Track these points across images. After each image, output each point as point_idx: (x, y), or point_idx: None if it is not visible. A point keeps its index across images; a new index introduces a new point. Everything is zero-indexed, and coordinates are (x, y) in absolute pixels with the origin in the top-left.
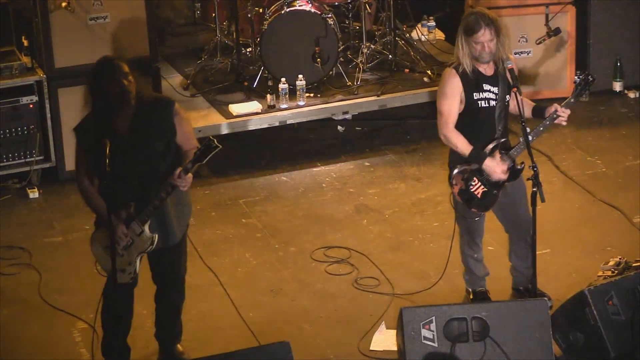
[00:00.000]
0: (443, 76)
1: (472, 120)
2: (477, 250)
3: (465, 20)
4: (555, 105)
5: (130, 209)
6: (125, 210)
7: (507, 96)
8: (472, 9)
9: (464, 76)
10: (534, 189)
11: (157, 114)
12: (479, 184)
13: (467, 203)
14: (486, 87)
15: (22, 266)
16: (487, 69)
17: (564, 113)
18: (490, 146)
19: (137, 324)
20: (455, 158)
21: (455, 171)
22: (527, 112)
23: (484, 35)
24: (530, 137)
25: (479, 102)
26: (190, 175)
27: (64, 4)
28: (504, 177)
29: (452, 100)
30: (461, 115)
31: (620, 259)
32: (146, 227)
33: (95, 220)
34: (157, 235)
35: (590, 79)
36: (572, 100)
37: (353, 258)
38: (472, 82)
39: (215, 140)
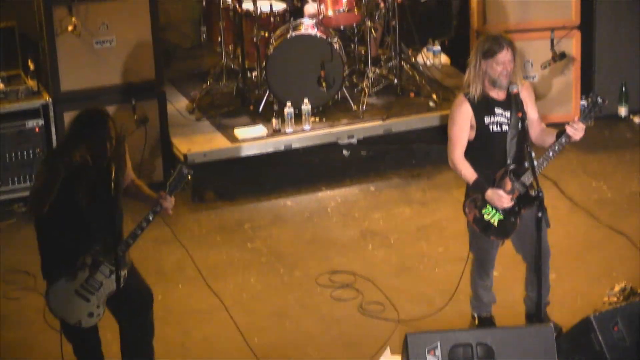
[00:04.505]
0: (454, 103)
1: (485, 145)
2: (486, 280)
3: (483, 44)
4: (575, 118)
5: (98, 253)
6: (91, 254)
7: (520, 123)
8: (488, 33)
9: (474, 102)
10: (539, 214)
11: (120, 149)
12: (494, 211)
13: (485, 231)
14: (498, 110)
15: (27, 290)
16: (499, 94)
17: (578, 127)
18: (500, 173)
19: None
20: (469, 186)
21: (468, 199)
22: (550, 140)
23: (506, 55)
24: (540, 163)
25: (490, 126)
26: (173, 197)
27: (70, 28)
28: (508, 205)
29: (461, 127)
30: (474, 141)
31: (625, 284)
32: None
33: (48, 270)
34: (126, 272)
35: (600, 100)
36: (580, 120)
37: (358, 283)
38: (483, 106)
39: (186, 166)
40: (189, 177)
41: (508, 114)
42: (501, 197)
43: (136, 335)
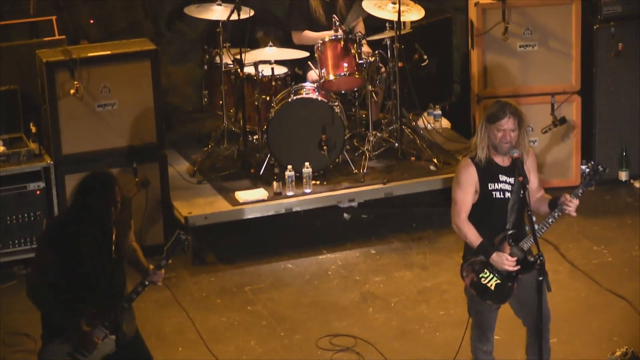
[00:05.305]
0: (459, 165)
1: (486, 210)
2: (486, 344)
3: (490, 108)
4: (565, 195)
5: (94, 316)
6: (86, 317)
7: (522, 190)
8: (499, 100)
9: (479, 166)
10: (540, 278)
11: (125, 213)
12: (491, 275)
13: (481, 295)
14: (502, 177)
15: (27, 353)
16: (504, 160)
17: (571, 204)
18: (499, 238)
19: None
20: (469, 251)
21: (466, 263)
22: (545, 208)
23: (507, 123)
24: (539, 229)
25: (494, 192)
26: (162, 270)
27: (72, 91)
28: (513, 269)
29: (465, 191)
30: (476, 206)
31: (626, 349)
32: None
33: (47, 333)
34: (120, 335)
35: (601, 169)
36: (580, 191)
37: (359, 346)
38: (488, 172)
39: (183, 232)
40: (187, 243)
41: (512, 180)
42: (507, 261)
43: None
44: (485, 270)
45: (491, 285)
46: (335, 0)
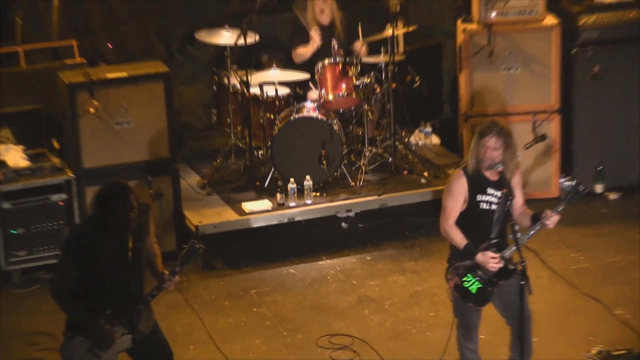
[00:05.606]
0: (451, 176)
1: (472, 219)
2: (471, 342)
3: (482, 125)
4: (547, 211)
5: (113, 315)
6: (105, 316)
7: (507, 202)
8: (493, 120)
9: (470, 178)
10: (522, 282)
11: (143, 218)
12: (473, 280)
13: (463, 298)
14: (490, 190)
15: (49, 351)
16: (492, 175)
17: (552, 219)
18: (483, 246)
19: None
20: (453, 255)
21: (451, 267)
22: (527, 222)
23: (490, 141)
24: (520, 238)
25: (480, 204)
26: (177, 277)
27: (92, 110)
28: (496, 268)
29: (455, 199)
30: (464, 214)
31: (602, 348)
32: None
33: (69, 329)
34: (137, 334)
35: (581, 188)
36: (560, 208)
37: (355, 345)
38: (478, 184)
39: (198, 242)
40: (200, 251)
41: (499, 193)
42: (491, 260)
43: None
44: (468, 275)
45: (473, 289)
46: (333, 23)
